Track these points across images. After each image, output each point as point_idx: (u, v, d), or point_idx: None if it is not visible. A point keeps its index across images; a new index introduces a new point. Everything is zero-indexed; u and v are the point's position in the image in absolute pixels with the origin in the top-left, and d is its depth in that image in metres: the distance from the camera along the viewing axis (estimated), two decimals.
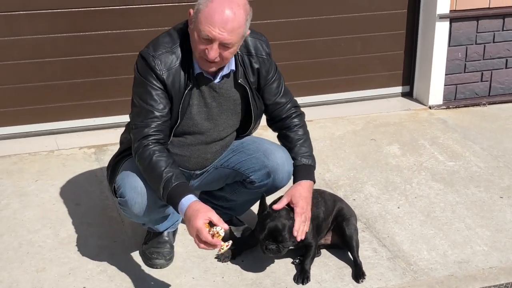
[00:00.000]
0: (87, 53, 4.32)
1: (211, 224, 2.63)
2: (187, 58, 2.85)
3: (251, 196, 3.19)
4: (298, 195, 2.96)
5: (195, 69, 2.86)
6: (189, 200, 2.67)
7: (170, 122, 2.89)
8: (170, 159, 2.78)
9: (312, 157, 3.10)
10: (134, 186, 2.85)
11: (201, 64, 2.83)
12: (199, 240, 2.62)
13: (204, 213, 2.63)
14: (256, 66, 2.97)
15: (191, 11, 2.79)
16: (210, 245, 2.62)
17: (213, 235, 2.61)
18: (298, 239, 2.92)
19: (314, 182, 3.06)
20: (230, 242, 2.73)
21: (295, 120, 3.11)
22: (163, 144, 2.84)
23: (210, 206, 2.98)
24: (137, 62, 2.89)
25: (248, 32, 2.85)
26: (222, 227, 2.63)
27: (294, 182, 3.04)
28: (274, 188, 3.11)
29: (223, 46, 2.73)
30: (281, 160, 3.03)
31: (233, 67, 2.93)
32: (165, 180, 2.71)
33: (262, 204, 3.00)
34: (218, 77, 2.92)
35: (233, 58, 2.90)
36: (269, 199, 3.07)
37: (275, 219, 2.92)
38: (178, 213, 2.73)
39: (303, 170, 3.04)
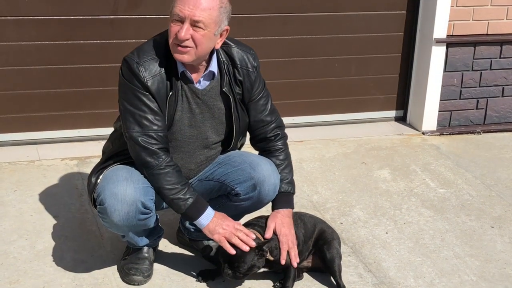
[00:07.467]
0: (74, 63, 4.26)
1: None
2: (171, 64, 2.86)
3: (235, 212, 3.13)
4: (280, 223, 2.99)
5: (179, 68, 2.87)
6: (210, 216, 2.89)
7: None
8: (180, 176, 2.87)
9: (291, 183, 3.12)
10: (114, 193, 2.80)
11: (175, 52, 2.80)
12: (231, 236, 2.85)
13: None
14: (239, 78, 2.98)
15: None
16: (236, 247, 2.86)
17: None
18: (282, 262, 2.95)
19: (293, 208, 3.09)
20: None
21: (278, 143, 3.13)
22: (167, 151, 2.87)
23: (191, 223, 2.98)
24: (121, 67, 2.90)
25: (227, 27, 2.84)
26: None
27: (272, 209, 3.06)
28: (259, 202, 3.07)
29: (194, 26, 2.74)
30: (268, 172, 3.01)
31: (214, 69, 2.93)
32: (182, 199, 2.85)
33: None
34: (201, 78, 2.92)
35: (215, 60, 2.92)
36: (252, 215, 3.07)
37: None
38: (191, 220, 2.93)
39: (282, 198, 3.07)
